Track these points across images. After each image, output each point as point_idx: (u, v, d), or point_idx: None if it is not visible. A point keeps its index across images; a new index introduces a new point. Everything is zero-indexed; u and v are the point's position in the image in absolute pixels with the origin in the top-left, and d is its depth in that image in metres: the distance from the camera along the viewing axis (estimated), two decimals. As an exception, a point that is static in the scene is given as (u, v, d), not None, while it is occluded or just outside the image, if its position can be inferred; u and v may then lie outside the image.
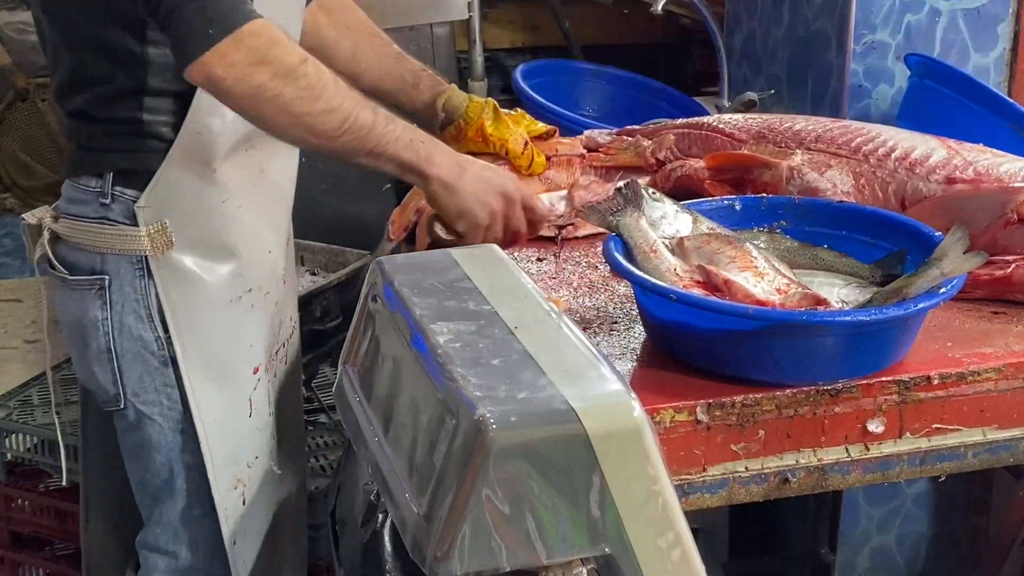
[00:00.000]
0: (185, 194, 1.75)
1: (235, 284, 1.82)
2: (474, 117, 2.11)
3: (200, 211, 1.77)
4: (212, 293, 1.80)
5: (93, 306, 1.79)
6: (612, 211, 1.70)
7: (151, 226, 1.74)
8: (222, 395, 1.83)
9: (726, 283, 1.59)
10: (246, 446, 1.87)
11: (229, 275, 1.81)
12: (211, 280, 1.79)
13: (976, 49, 2.39)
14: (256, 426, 1.88)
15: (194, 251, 1.77)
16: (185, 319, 1.78)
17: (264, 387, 1.88)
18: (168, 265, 1.76)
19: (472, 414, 1.02)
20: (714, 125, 2.19)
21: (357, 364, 1.31)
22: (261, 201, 1.85)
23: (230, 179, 1.78)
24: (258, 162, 1.83)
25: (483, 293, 1.22)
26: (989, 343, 1.66)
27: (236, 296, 1.82)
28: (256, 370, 1.86)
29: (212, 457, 1.82)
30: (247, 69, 1.58)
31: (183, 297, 1.78)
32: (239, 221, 1.80)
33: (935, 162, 1.90)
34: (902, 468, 1.61)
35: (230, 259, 1.81)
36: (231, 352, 1.83)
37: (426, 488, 1.06)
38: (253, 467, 1.88)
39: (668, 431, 1.51)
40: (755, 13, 2.73)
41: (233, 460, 1.85)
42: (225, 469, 1.84)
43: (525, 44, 3.76)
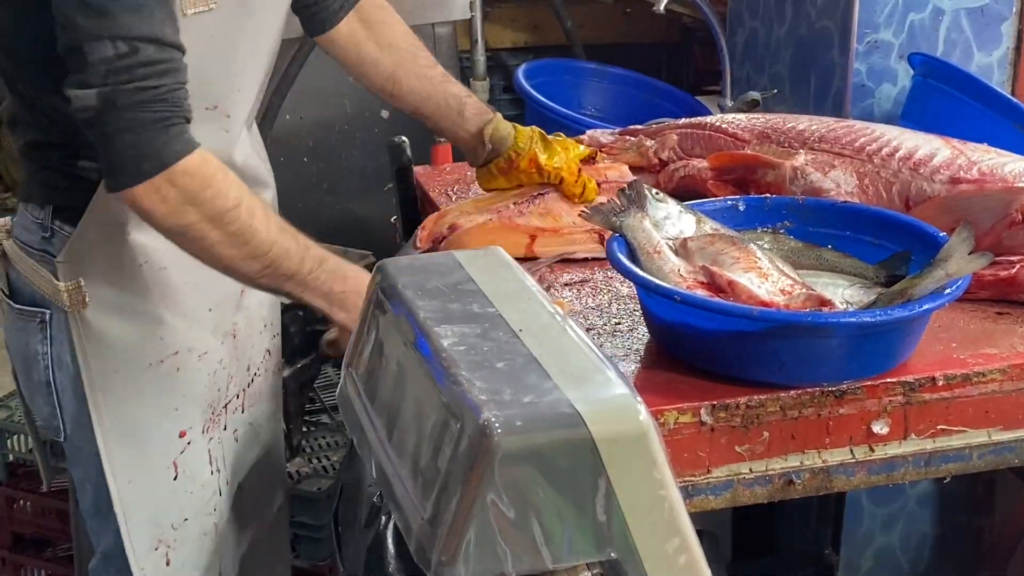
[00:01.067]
0: (100, 254, 1.70)
1: (156, 348, 1.75)
2: (524, 148, 2.03)
3: (115, 273, 1.71)
4: (129, 355, 1.73)
5: (35, 338, 1.75)
6: (615, 212, 1.69)
7: (68, 283, 1.69)
8: (137, 456, 1.76)
9: (730, 284, 1.58)
10: (169, 509, 1.81)
11: (148, 338, 1.74)
12: (128, 343, 1.73)
13: (979, 48, 2.39)
14: (186, 488, 1.81)
15: (109, 312, 1.71)
16: (100, 379, 1.72)
17: (201, 448, 1.81)
18: (84, 323, 1.71)
19: (477, 418, 1.02)
20: (717, 125, 2.19)
21: (361, 367, 1.31)
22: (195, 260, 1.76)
23: (148, 240, 1.70)
24: None
25: (487, 296, 1.22)
26: (994, 344, 1.65)
27: (157, 360, 1.75)
28: (183, 434, 1.79)
29: (125, 518, 1.77)
30: (177, 207, 1.54)
31: (98, 356, 1.72)
32: (160, 283, 1.73)
33: (939, 162, 1.90)
34: (907, 470, 1.61)
35: (149, 323, 1.74)
36: (149, 415, 1.77)
37: (431, 492, 1.05)
38: (181, 529, 1.81)
39: (672, 433, 1.50)
40: (757, 12, 2.73)
41: (153, 522, 1.79)
42: (142, 529, 1.79)
43: (527, 43, 3.76)
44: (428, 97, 2.04)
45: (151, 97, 1.50)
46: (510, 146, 2.04)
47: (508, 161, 2.04)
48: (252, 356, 1.92)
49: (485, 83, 3.56)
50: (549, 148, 2.05)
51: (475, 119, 2.04)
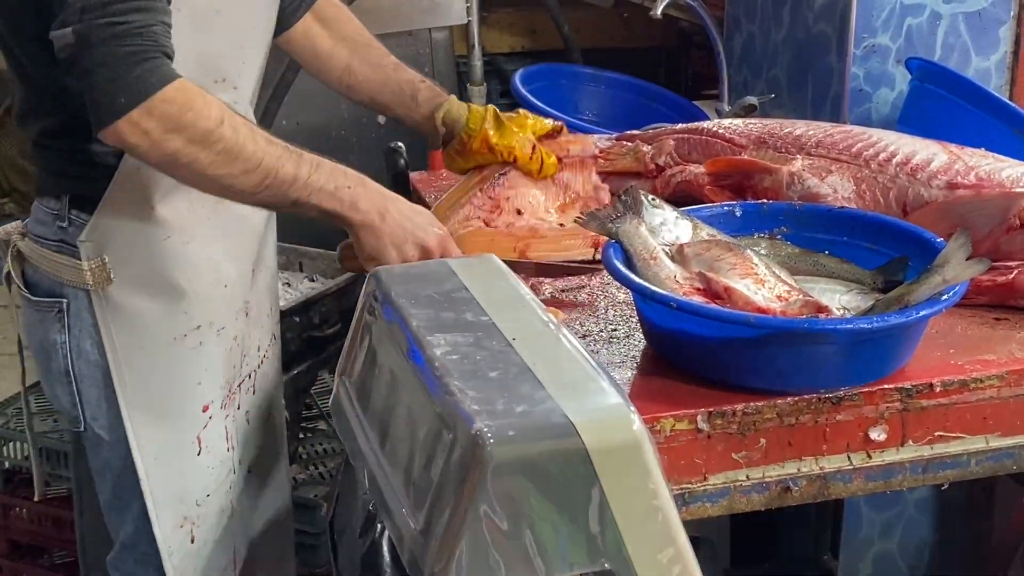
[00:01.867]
0: (124, 230, 1.72)
1: (179, 322, 1.77)
2: (476, 129, 2.03)
3: (139, 247, 1.73)
4: (153, 331, 1.75)
5: (53, 328, 1.77)
6: (611, 218, 1.69)
7: (92, 261, 1.71)
8: (163, 433, 1.78)
9: (727, 290, 1.58)
10: (194, 483, 1.82)
11: (172, 313, 1.76)
12: (152, 318, 1.75)
13: (977, 52, 2.38)
14: (208, 464, 1.83)
15: (134, 288, 1.73)
16: (125, 355, 1.74)
17: (220, 424, 1.83)
18: (108, 300, 1.73)
19: (470, 428, 1.01)
20: (714, 130, 2.18)
21: (354, 376, 1.30)
22: (216, 234, 1.80)
23: (173, 215, 1.73)
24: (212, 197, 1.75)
25: (481, 304, 1.21)
26: (992, 350, 1.65)
27: (181, 334, 1.77)
28: (206, 408, 1.81)
29: (153, 494, 1.78)
30: (160, 137, 1.55)
31: (123, 334, 1.74)
32: (184, 257, 1.76)
33: (936, 167, 1.89)
34: (904, 476, 1.60)
35: (173, 297, 1.76)
36: (174, 391, 1.79)
37: (423, 503, 1.05)
38: (204, 505, 1.83)
39: (669, 440, 1.50)
40: (755, 16, 2.72)
41: (178, 499, 1.81)
42: (168, 507, 1.80)
43: (524, 48, 3.75)
44: (383, 85, 2.06)
45: (124, 32, 1.51)
46: (462, 127, 2.04)
47: (461, 143, 2.05)
48: (261, 338, 1.95)
49: (482, 88, 3.56)
50: (501, 127, 2.05)
51: (428, 103, 2.06)
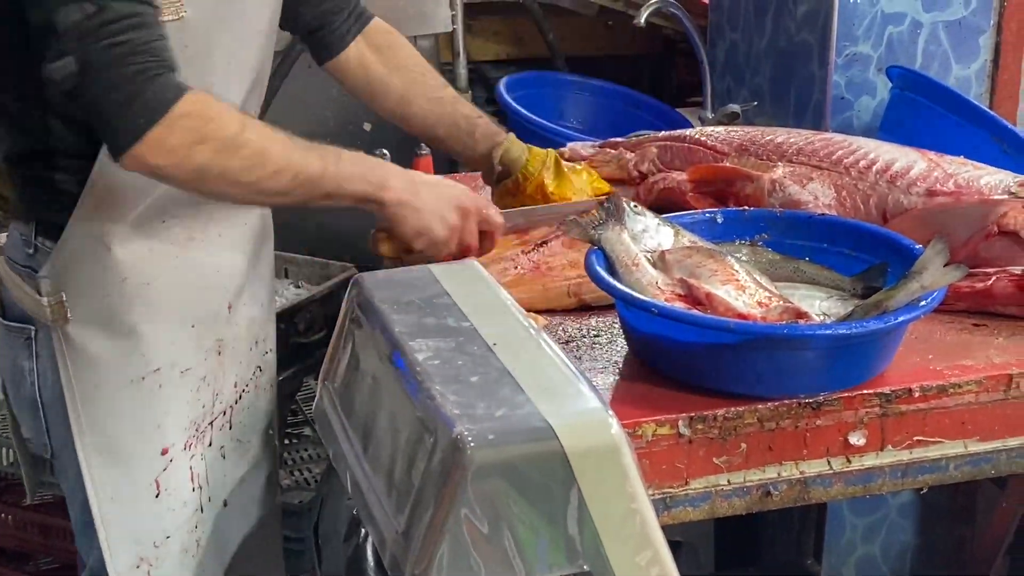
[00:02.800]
0: (81, 268, 1.68)
1: (136, 364, 1.72)
2: (534, 172, 2.01)
3: (96, 287, 1.69)
4: (110, 372, 1.71)
5: (22, 354, 1.75)
6: (594, 225, 1.70)
7: (51, 297, 1.67)
8: (118, 475, 1.75)
9: (708, 296, 1.59)
10: (151, 527, 1.78)
11: (128, 355, 1.72)
12: (109, 358, 1.71)
13: (957, 61, 2.40)
14: (168, 506, 1.79)
15: (90, 327, 1.69)
16: (82, 394, 1.71)
17: (183, 465, 1.79)
18: (67, 338, 1.69)
19: (450, 432, 1.02)
20: (696, 138, 2.20)
21: (337, 381, 1.31)
22: (185, 274, 1.75)
23: (130, 257, 1.69)
24: (185, 231, 1.74)
25: (462, 310, 1.22)
26: (970, 355, 1.66)
27: (138, 376, 1.73)
28: (165, 451, 1.77)
29: (107, 535, 1.75)
30: (186, 152, 1.51)
31: (80, 373, 1.70)
32: (142, 299, 1.71)
33: (916, 174, 1.91)
34: (884, 481, 1.62)
35: (130, 338, 1.71)
36: (131, 433, 1.75)
37: (404, 506, 1.06)
38: (163, 546, 1.79)
39: (650, 444, 1.51)
40: (738, 25, 2.74)
41: (134, 540, 1.78)
42: (123, 547, 1.77)
43: (509, 56, 3.76)
44: (439, 119, 2.03)
45: (127, 51, 1.48)
46: (520, 168, 2.03)
47: (516, 183, 2.03)
48: (240, 372, 1.90)
49: (467, 95, 3.55)
50: (560, 175, 2.03)
51: (486, 140, 2.03)
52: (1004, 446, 1.64)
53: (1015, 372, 1.61)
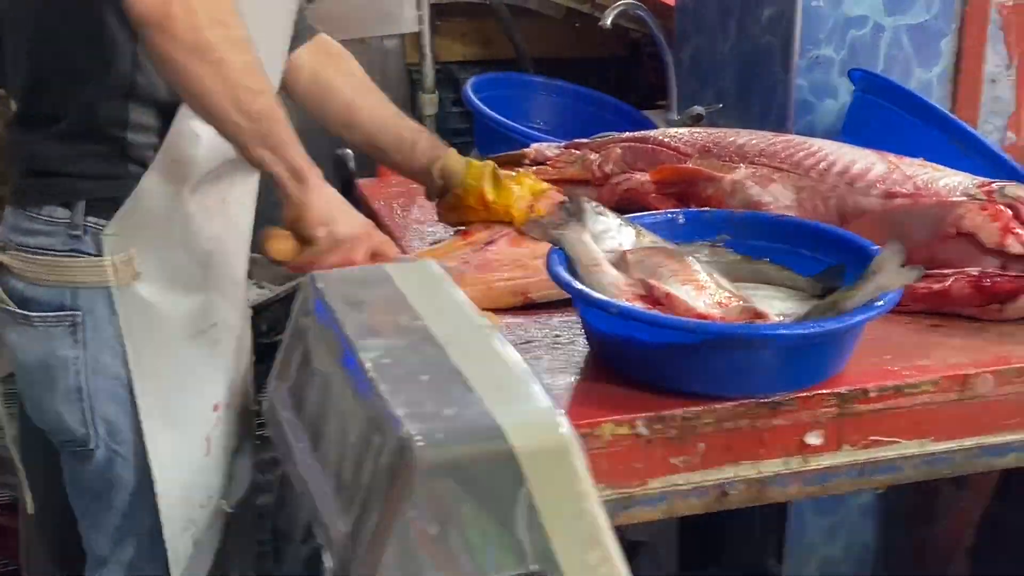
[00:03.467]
0: (156, 223, 1.68)
1: (200, 318, 1.75)
2: (473, 184, 2.02)
3: (169, 241, 1.70)
4: (175, 327, 1.73)
5: (63, 344, 1.71)
6: (555, 225, 1.70)
7: (117, 256, 1.67)
8: (178, 434, 1.76)
9: (667, 297, 1.59)
10: (200, 486, 1.81)
11: (195, 308, 1.74)
12: (176, 314, 1.72)
13: (919, 64, 2.41)
14: (211, 466, 1.82)
15: (160, 283, 1.70)
16: (146, 356, 1.72)
17: (223, 424, 1.82)
18: (132, 298, 1.69)
19: (398, 432, 1.01)
20: (660, 139, 2.20)
21: (289, 380, 1.30)
22: (226, 232, 1.80)
23: (200, 210, 1.72)
24: (221, 192, 1.77)
25: (415, 309, 1.22)
26: (927, 356, 1.67)
27: (200, 331, 1.76)
28: (216, 407, 1.80)
29: (167, 498, 1.76)
30: (203, 20, 1.49)
31: (145, 332, 1.71)
32: (207, 255, 1.75)
33: (875, 176, 1.92)
34: (840, 481, 1.62)
35: (197, 293, 1.74)
36: (191, 389, 1.77)
37: (352, 507, 1.05)
38: (207, 507, 1.82)
39: (609, 445, 1.51)
40: (703, 28, 2.75)
41: (186, 501, 1.79)
42: (177, 509, 1.78)
43: (476, 57, 3.76)
44: (384, 129, 2.03)
45: None
46: (459, 181, 2.03)
47: (457, 197, 2.04)
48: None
49: (434, 96, 3.56)
50: (498, 185, 2.03)
51: (426, 154, 2.04)
52: (960, 446, 1.65)
53: (971, 372, 1.63)
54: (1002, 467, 1.70)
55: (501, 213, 2.02)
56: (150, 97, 1.66)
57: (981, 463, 1.67)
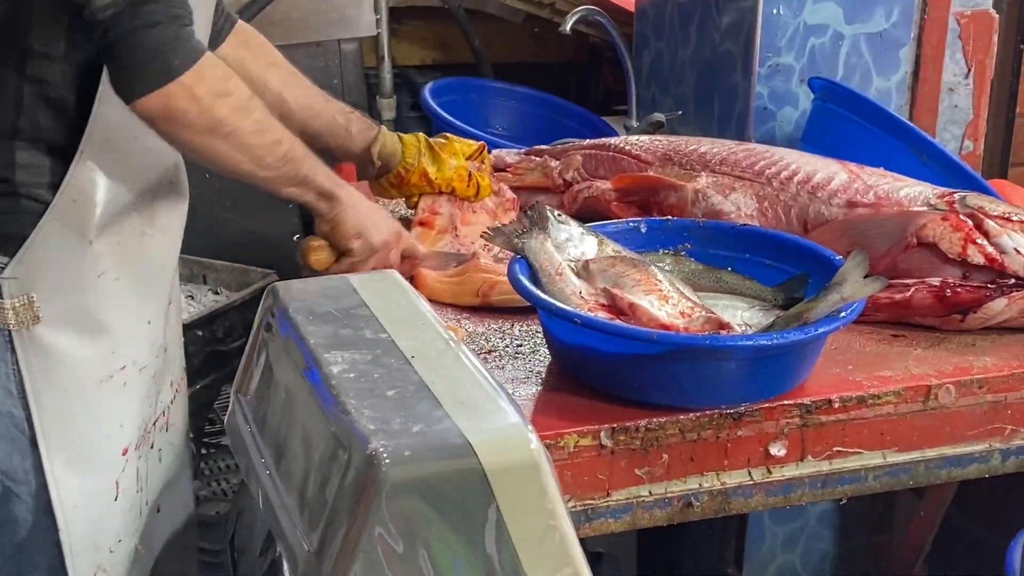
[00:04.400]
0: (57, 266, 1.64)
1: (106, 362, 1.71)
2: (413, 163, 2.07)
3: (72, 285, 1.66)
4: (80, 372, 1.68)
5: None
6: (517, 233, 1.69)
7: (16, 299, 1.62)
8: (85, 480, 1.72)
9: (631, 307, 1.58)
10: (109, 530, 1.76)
11: (100, 353, 1.70)
12: (80, 359, 1.68)
13: (878, 73, 2.43)
14: (122, 508, 1.77)
15: (63, 327, 1.66)
16: (48, 400, 1.67)
17: (133, 466, 1.78)
18: (33, 341, 1.64)
19: (364, 448, 0.99)
20: (621, 147, 2.20)
21: (250, 393, 1.27)
22: (141, 270, 1.74)
23: (107, 250, 1.67)
24: (139, 226, 1.73)
25: (380, 321, 1.20)
26: (889, 366, 1.67)
27: (107, 375, 1.71)
28: (125, 451, 1.75)
29: (71, 544, 1.72)
30: (210, 102, 1.54)
31: (47, 376, 1.66)
32: (114, 295, 1.70)
33: (836, 186, 1.92)
34: (804, 491, 1.62)
35: (102, 336, 1.69)
36: (98, 435, 1.72)
37: (317, 524, 1.03)
38: (116, 551, 1.77)
39: (572, 456, 1.50)
40: (663, 34, 2.75)
41: (94, 547, 1.75)
42: (85, 556, 1.74)
43: (435, 61, 3.74)
44: (317, 114, 2.04)
45: None
46: (399, 161, 2.06)
47: (399, 176, 2.07)
48: (174, 372, 1.90)
49: (392, 100, 3.54)
50: (437, 160, 2.08)
51: (362, 135, 2.05)
52: (922, 456, 1.65)
53: (933, 383, 1.63)
54: (963, 478, 1.71)
55: (444, 187, 2.09)
56: (36, 138, 1.63)
57: (943, 474, 1.68)
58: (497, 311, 1.85)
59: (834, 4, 2.35)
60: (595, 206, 2.14)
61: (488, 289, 1.86)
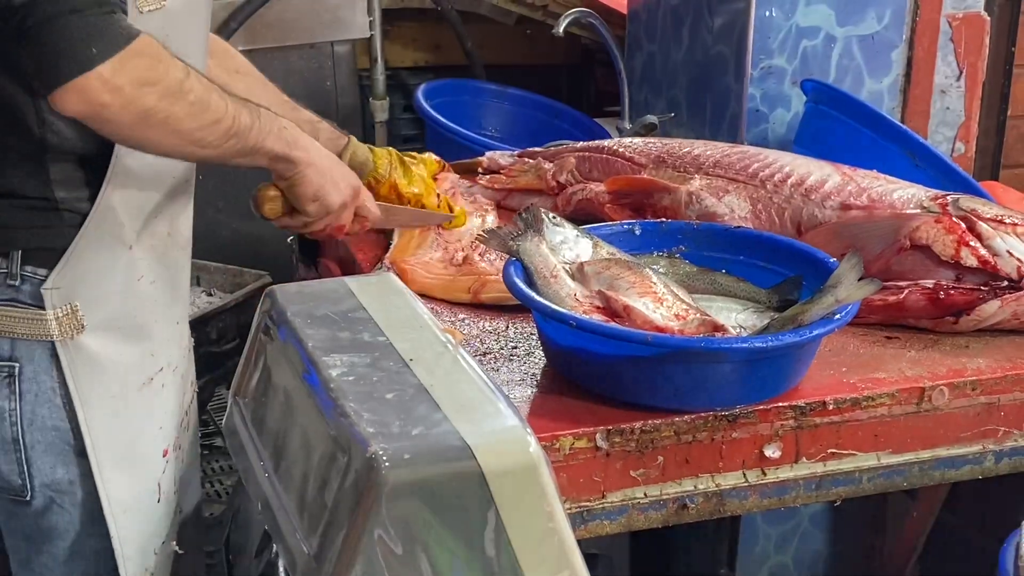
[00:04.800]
0: (98, 274, 1.64)
1: (147, 365, 1.72)
2: (385, 174, 2.07)
3: (113, 291, 1.66)
4: (125, 377, 1.69)
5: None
6: (512, 236, 1.69)
7: (59, 309, 1.62)
8: (132, 484, 1.73)
9: (626, 309, 1.59)
10: (155, 533, 1.78)
11: (142, 356, 1.71)
12: (124, 363, 1.69)
13: (870, 75, 2.43)
14: (164, 511, 1.79)
15: (106, 334, 1.66)
16: (95, 407, 1.67)
17: (173, 466, 1.79)
18: (78, 350, 1.65)
19: (364, 451, 1.00)
20: (614, 149, 2.20)
21: (248, 396, 1.27)
22: (170, 271, 1.76)
23: (144, 255, 1.69)
24: (165, 227, 1.74)
25: (378, 324, 1.20)
26: (883, 368, 1.68)
27: (148, 378, 1.73)
28: (165, 452, 1.77)
29: (123, 549, 1.72)
30: (134, 92, 1.46)
31: (93, 383, 1.66)
32: (152, 299, 1.71)
33: (830, 188, 1.93)
34: (798, 493, 1.63)
35: (143, 340, 1.71)
36: (143, 438, 1.74)
37: (317, 527, 1.03)
38: (160, 553, 1.79)
39: (568, 458, 1.50)
40: (655, 36, 2.75)
41: (142, 550, 1.76)
42: (135, 560, 1.75)
43: (427, 63, 3.74)
44: None
45: None
46: (370, 171, 2.06)
47: (368, 187, 2.04)
48: (191, 376, 1.90)
49: (385, 102, 3.54)
50: (408, 173, 2.09)
51: (331, 144, 2.02)
52: (916, 458, 1.66)
53: (927, 385, 1.64)
54: (957, 479, 1.71)
55: (413, 202, 2.10)
56: (67, 151, 1.62)
57: (937, 475, 1.69)
58: (491, 311, 1.85)
59: (826, 6, 2.35)
60: (589, 208, 2.14)
61: (479, 287, 1.87)
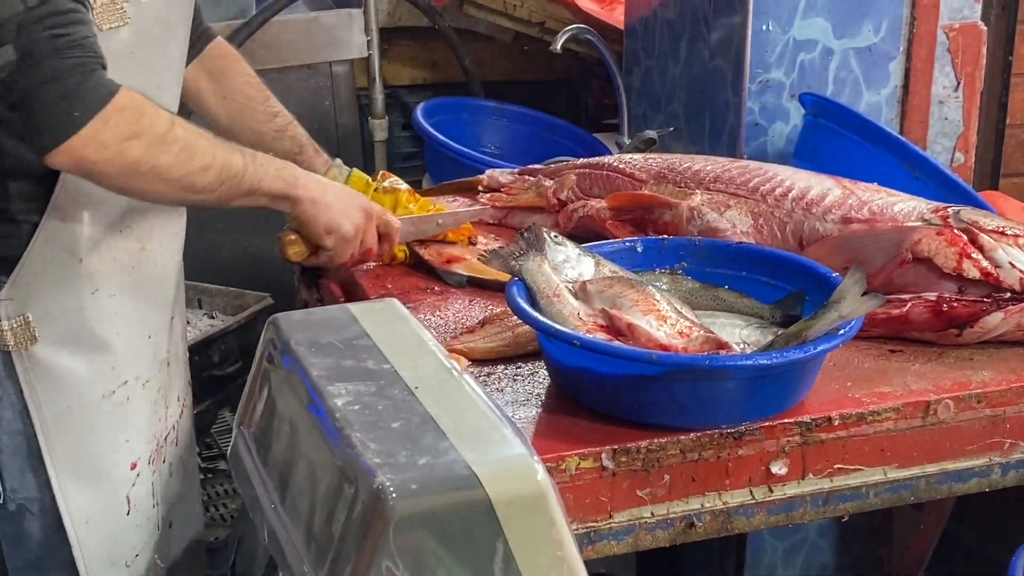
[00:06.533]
0: (50, 286, 1.67)
1: (107, 378, 1.73)
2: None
3: (67, 304, 1.68)
4: (82, 389, 1.71)
5: None
6: (514, 255, 1.69)
7: (13, 320, 1.65)
8: (94, 496, 1.74)
9: (629, 327, 1.59)
10: (125, 545, 1.79)
11: (100, 369, 1.72)
12: (80, 376, 1.70)
13: (868, 87, 2.43)
14: (135, 523, 1.79)
15: (61, 346, 1.68)
16: (52, 417, 1.69)
17: (147, 480, 1.80)
18: (33, 361, 1.67)
19: (371, 482, 0.99)
20: (615, 165, 2.20)
21: (253, 426, 1.27)
22: (141, 284, 1.77)
23: (100, 268, 1.70)
24: (137, 242, 1.76)
25: (382, 351, 1.20)
26: (888, 382, 1.68)
27: (109, 391, 1.74)
28: (134, 465, 1.78)
29: (85, 560, 1.74)
30: (119, 147, 1.53)
31: (49, 395, 1.69)
32: (112, 312, 1.72)
33: (831, 202, 1.92)
34: (806, 509, 1.62)
35: (101, 352, 1.72)
36: (104, 450, 1.75)
37: (324, 559, 1.02)
38: (133, 565, 1.80)
39: (574, 478, 1.49)
40: (653, 51, 2.75)
41: (110, 562, 1.77)
42: (101, 571, 1.76)
43: (426, 81, 3.75)
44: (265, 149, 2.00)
45: (67, 44, 1.49)
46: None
47: None
48: (180, 387, 1.92)
49: (384, 121, 3.54)
50: (381, 202, 2.07)
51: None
52: (923, 472, 1.66)
53: (932, 399, 1.63)
54: (964, 492, 1.71)
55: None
56: (26, 172, 1.65)
57: (944, 488, 1.68)
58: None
59: (823, 19, 2.36)
60: (590, 225, 2.14)
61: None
